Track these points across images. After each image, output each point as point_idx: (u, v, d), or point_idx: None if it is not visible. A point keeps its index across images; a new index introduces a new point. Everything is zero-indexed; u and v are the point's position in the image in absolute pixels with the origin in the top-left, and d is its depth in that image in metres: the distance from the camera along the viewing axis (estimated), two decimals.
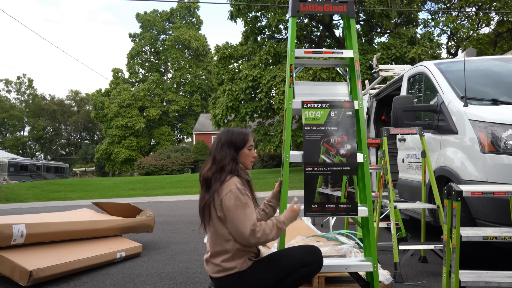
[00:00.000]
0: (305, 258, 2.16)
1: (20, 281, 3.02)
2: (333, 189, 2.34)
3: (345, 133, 2.38)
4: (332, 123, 2.40)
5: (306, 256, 2.17)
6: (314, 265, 2.16)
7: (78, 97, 56.40)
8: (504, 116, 3.07)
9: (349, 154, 2.35)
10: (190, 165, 26.92)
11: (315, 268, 2.17)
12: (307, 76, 16.03)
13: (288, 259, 2.17)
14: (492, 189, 2.30)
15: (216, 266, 2.16)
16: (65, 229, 3.69)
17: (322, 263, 2.20)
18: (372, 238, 2.41)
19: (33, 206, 11.22)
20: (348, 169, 2.35)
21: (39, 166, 31.93)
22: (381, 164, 3.89)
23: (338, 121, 2.40)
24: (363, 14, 18.75)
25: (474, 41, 19.67)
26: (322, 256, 2.21)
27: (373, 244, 2.43)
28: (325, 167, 2.34)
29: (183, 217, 7.48)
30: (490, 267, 3.15)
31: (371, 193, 2.56)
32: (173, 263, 3.89)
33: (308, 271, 2.16)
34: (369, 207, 2.38)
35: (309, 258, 2.17)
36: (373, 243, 2.43)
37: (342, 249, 2.97)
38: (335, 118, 2.40)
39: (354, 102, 2.44)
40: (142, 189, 15.46)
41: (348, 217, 4.36)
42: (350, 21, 2.50)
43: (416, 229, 5.14)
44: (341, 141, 2.37)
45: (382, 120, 6.23)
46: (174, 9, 42.60)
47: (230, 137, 2.27)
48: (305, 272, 2.15)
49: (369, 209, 2.38)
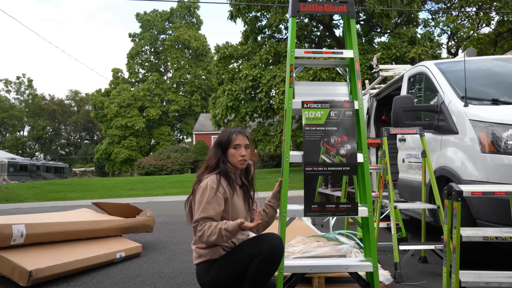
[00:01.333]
0: (258, 247, 2.16)
1: (20, 281, 3.02)
2: (333, 189, 2.34)
3: (345, 133, 2.37)
4: (332, 123, 2.39)
5: (259, 244, 2.17)
6: (265, 254, 2.11)
7: (78, 97, 56.40)
8: (504, 116, 3.07)
9: (349, 154, 2.35)
10: (190, 165, 26.91)
11: (266, 257, 2.12)
12: (307, 76, 16.03)
13: (246, 249, 2.20)
14: (492, 189, 2.30)
15: (194, 252, 2.32)
16: (64, 229, 3.69)
17: (277, 251, 2.13)
18: (372, 238, 2.41)
19: (32, 206, 11.22)
20: (348, 169, 2.34)
21: (39, 166, 31.90)
22: (381, 164, 3.88)
23: (338, 121, 2.40)
24: (363, 14, 18.74)
25: (474, 41, 19.67)
26: (278, 243, 2.15)
27: (373, 244, 2.42)
28: (325, 167, 2.34)
29: (183, 217, 7.45)
30: (490, 267, 3.15)
31: (371, 193, 2.56)
32: (173, 263, 3.89)
33: (261, 259, 2.11)
34: (369, 207, 2.37)
35: (261, 247, 2.15)
36: (373, 243, 2.43)
37: (342, 249, 2.97)
38: (335, 118, 2.40)
39: (354, 102, 2.44)
40: (142, 189, 15.45)
41: (348, 217, 4.36)
42: (350, 21, 2.49)
43: (416, 229, 5.14)
44: (341, 141, 2.37)
45: (382, 120, 6.23)
46: (174, 9, 42.59)
47: (219, 137, 2.41)
48: (259, 260, 2.12)
49: (369, 209, 2.37)
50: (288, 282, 2.41)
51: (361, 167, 2.40)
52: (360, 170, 2.40)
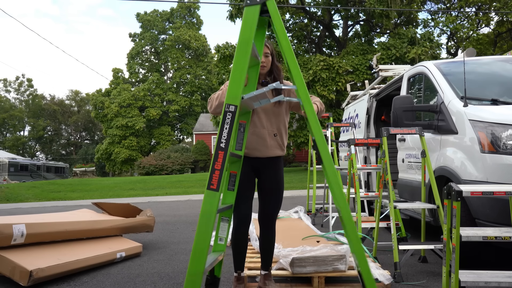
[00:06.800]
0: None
1: (20, 281, 3.03)
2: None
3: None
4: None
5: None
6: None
7: (78, 97, 56.41)
8: (504, 116, 3.07)
9: None
10: (190, 165, 26.92)
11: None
12: (308, 76, 16.04)
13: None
14: (491, 189, 2.30)
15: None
16: (65, 229, 3.70)
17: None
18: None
19: (33, 206, 11.23)
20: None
21: (39, 166, 31.93)
22: (381, 164, 3.89)
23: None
24: (363, 14, 18.75)
25: (474, 41, 19.70)
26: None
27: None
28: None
29: (183, 217, 7.48)
30: (490, 267, 3.16)
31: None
32: (173, 263, 3.90)
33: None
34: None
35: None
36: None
37: (342, 249, 2.97)
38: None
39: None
40: (142, 189, 15.46)
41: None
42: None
43: (416, 229, 5.15)
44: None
45: (382, 120, 6.24)
46: (174, 9, 42.61)
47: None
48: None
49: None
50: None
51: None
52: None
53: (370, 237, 4.22)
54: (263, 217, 2.75)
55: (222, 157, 2.07)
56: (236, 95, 2.11)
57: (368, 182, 5.96)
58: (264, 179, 2.72)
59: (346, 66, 16.51)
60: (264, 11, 2.20)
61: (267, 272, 2.80)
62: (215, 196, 2.03)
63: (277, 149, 2.71)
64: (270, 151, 2.68)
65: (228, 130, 2.09)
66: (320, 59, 16.22)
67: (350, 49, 17.91)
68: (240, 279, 2.74)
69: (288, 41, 2.20)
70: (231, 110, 2.10)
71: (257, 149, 2.66)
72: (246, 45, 2.14)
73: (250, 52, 2.15)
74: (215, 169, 2.06)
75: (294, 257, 2.88)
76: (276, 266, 3.04)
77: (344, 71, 16.53)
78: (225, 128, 2.09)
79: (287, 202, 8.81)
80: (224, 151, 2.07)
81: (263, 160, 2.69)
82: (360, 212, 3.94)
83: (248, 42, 2.14)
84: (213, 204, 2.02)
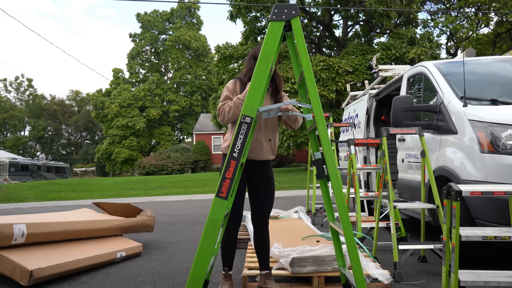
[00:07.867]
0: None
1: (21, 280, 3.03)
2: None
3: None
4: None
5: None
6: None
7: (78, 97, 56.39)
8: (503, 116, 3.08)
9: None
10: (190, 165, 26.91)
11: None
12: None
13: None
14: (491, 189, 2.30)
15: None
16: (65, 228, 3.70)
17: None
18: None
19: (33, 206, 11.24)
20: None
21: (40, 166, 31.92)
22: (380, 164, 3.90)
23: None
24: (363, 14, 18.75)
25: (473, 42, 19.70)
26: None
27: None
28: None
29: (183, 217, 7.49)
30: (489, 267, 3.16)
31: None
32: (173, 263, 3.90)
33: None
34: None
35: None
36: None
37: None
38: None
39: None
40: (142, 189, 15.46)
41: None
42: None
43: (416, 229, 5.16)
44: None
45: (382, 120, 6.25)
46: (174, 10, 42.60)
47: (253, 50, 2.82)
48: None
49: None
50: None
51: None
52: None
53: (370, 237, 4.22)
54: (258, 217, 2.81)
55: (234, 166, 2.10)
56: (254, 107, 2.13)
57: (368, 182, 5.96)
58: (257, 181, 2.79)
59: (346, 66, 16.51)
60: (285, 26, 2.24)
61: (268, 271, 2.82)
62: (223, 204, 2.06)
63: (270, 153, 2.81)
64: (264, 155, 2.76)
65: (242, 140, 2.11)
66: (320, 59, 16.23)
67: (350, 49, 17.91)
68: (228, 276, 2.80)
69: (309, 61, 2.20)
70: (247, 121, 2.12)
71: (253, 152, 2.73)
72: (268, 59, 2.16)
73: (271, 66, 2.17)
74: (226, 177, 2.08)
75: (294, 257, 2.89)
76: (276, 266, 3.05)
77: (344, 71, 16.53)
78: (239, 138, 2.11)
79: (287, 202, 8.82)
80: (237, 161, 2.10)
81: (256, 163, 2.76)
82: (360, 212, 3.95)
83: (270, 56, 2.16)
84: (221, 211, 2.05)
